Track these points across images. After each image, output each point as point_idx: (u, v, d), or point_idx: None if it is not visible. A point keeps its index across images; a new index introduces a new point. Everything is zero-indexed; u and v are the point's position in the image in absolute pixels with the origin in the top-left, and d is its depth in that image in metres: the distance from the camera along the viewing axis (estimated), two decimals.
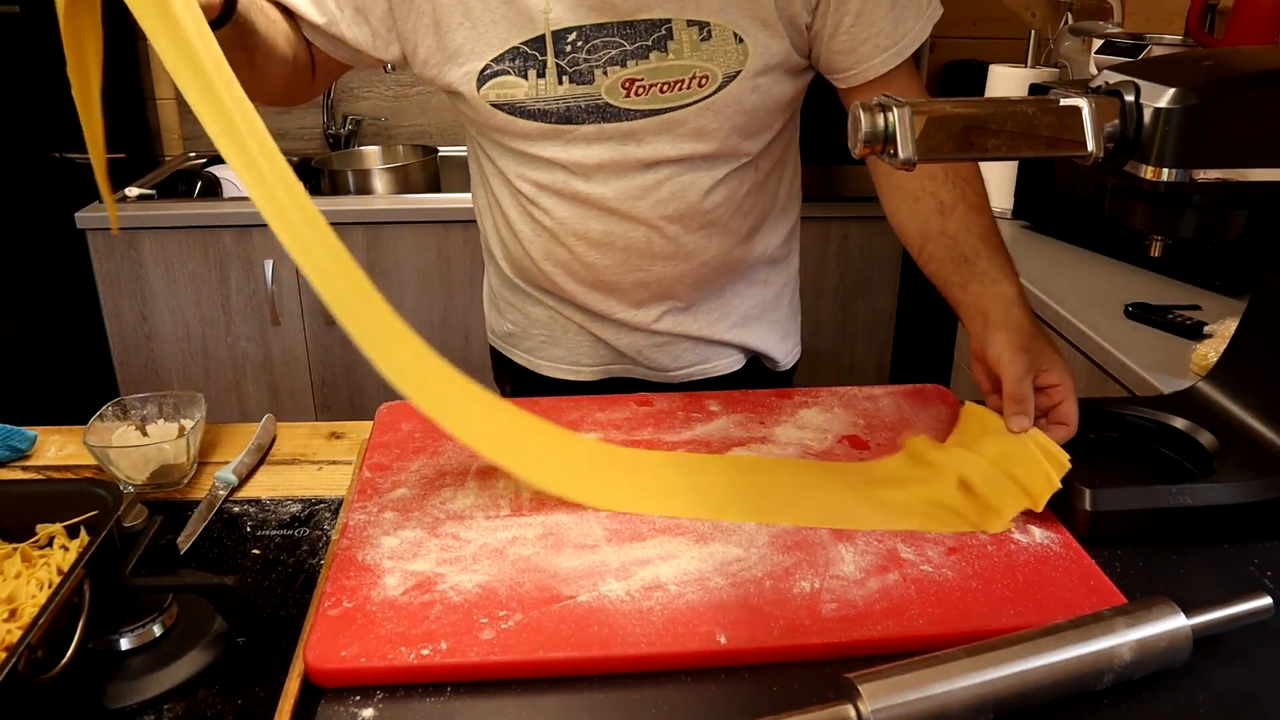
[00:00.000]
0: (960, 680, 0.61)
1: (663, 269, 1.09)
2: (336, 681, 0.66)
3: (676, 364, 1.17)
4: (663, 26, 0.97)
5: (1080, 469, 0.84)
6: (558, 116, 1.01)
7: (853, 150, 0.76)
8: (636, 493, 0.85)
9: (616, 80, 0.98)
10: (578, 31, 0.97)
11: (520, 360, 1.23)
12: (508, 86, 1.00)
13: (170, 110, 2.68)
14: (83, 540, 0.73)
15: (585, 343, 1.17)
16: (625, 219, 1.05)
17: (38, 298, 2.23)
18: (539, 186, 1.06)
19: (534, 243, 1.10)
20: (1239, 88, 0.73)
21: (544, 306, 1.17)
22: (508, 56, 0.99)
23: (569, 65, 0.98)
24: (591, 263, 1.08)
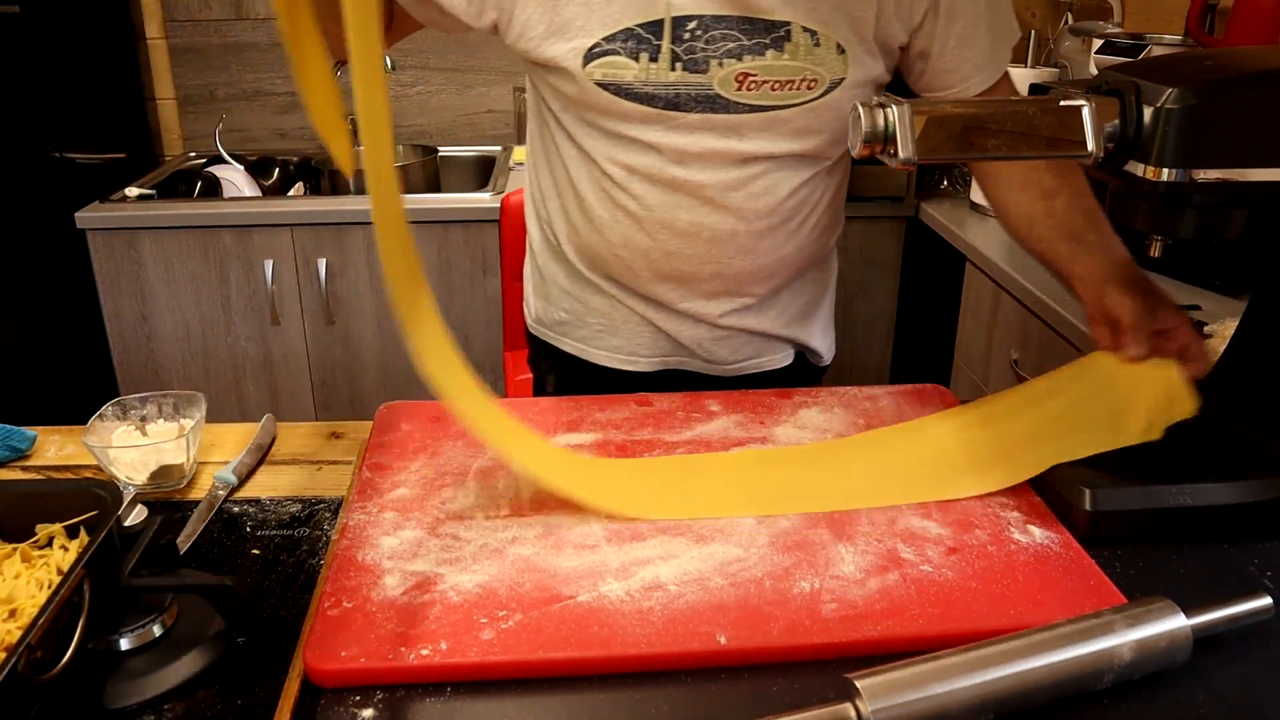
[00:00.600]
0: (960, 680, 0.61)
1: (741, 264, 1.10)
2: (336, 681, 0.66)
3: (734, 357, 1.19)
4: (782, 28, 0.98)
5: (1080, 469, 0.84)
6: (664, 102, 1.01)
7: (853, 149, 0.76)
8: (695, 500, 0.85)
9: (731, 73, 0.99)
10: (698, 20, 0.98)
11: (570, 349, 1.23)
12: (616, 67, 0.99)
13: (170, 110, 2.69)
14: (82, 540, 0.73)
15: (645, 333, 1.17)
16: (716, 209, 1.06)
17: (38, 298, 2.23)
18: (630, 170, 1.06)
19: (613, 229, 1.09)
20: (1239, 88, 0.73)
21: (605, 295, 1.17)
22: (620, 36, 0.98)
23: (685, 53, 0.99)
24: (673, 251, 1.09)
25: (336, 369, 2.35)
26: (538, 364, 1.30)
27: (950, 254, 2.06)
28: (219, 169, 2.45)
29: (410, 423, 0.97)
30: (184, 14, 2.59)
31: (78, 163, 2.30)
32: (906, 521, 0.82)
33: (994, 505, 0.84)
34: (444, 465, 0.91)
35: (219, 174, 2.43)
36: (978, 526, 0.81)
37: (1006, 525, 0.81)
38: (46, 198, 2.20)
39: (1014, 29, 1.08)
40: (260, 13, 2.60)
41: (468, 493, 0.86)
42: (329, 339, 2.32)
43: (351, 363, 2.34)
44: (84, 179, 2.30)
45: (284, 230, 2.21)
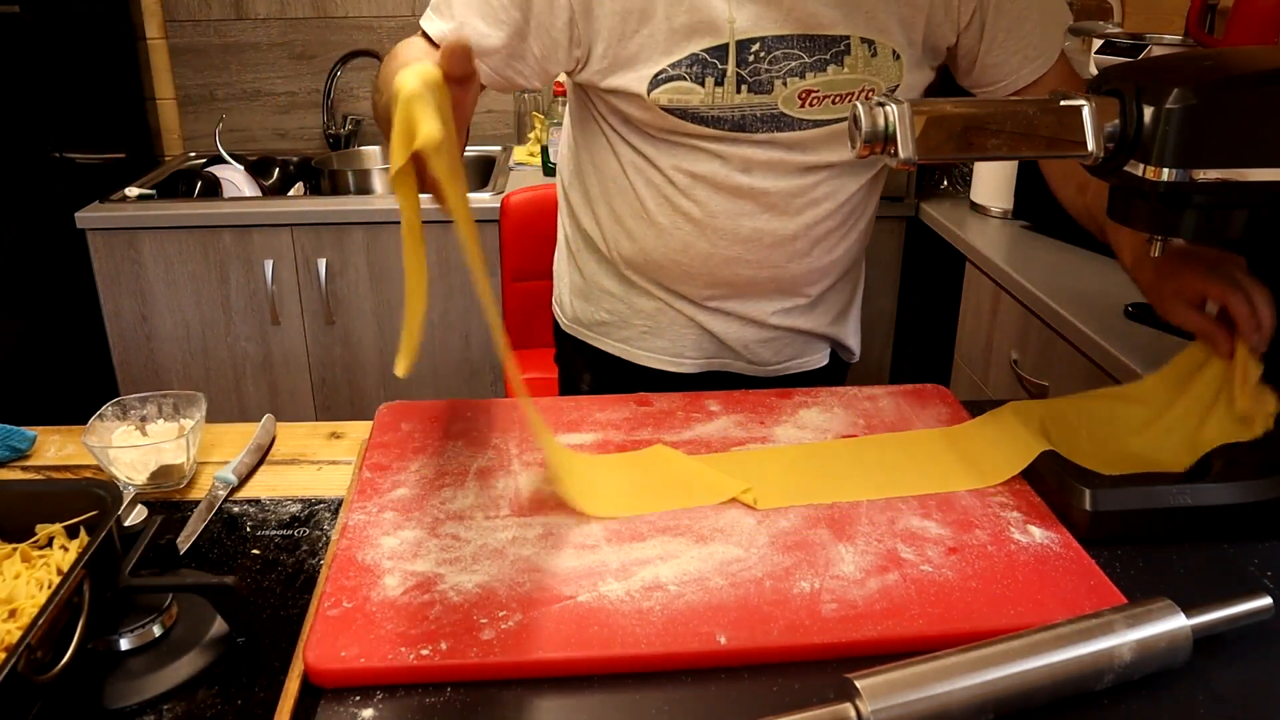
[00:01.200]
0: (960, 680, 0.61)
1: (797, 267, 1.12)
2: (336, 681, 0.66)
3: (777, 358, 1.21)
4: (842, 42, 1.00)
5: (1080, 469, 0.84)
6: (730, 124, 1.03)
7: (853, 149, 0.76)
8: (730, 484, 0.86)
9: (794, 91, 1.01)
10: (760, 42, 0.99)
11: (611, 349, 1.23)
12: (683, 92, 1.01)
13: (170, 110, 2.69)
14: (82, 540, 0.73)
15: (691, 335, 1.18)
16: (778, 215, 1.07)
17: (38, 298, 2.23)
18: (694, 177, 1.07)
19: (674, 235, 1.10)
20: (1239, 88, 0.73)
21: (653, 298, 1.17)
22: (685, 63, 1.00)
23: (749, 75, 1.00)
24: (733, 257, 1.10)
25: (336, 369, 2.35)
26: (570, 363, 1.30)
27: (950, 254, 2.06)
28: (219, 169, 2.45)
29: (410, 423, 0.97)
30: (184, 14, 2.59)
31: (78, 163, 2.30)
32: (906, 521, 0.82)
33: (994, 505, 0.84)
34: (444, 465, 0.91)
35: (219, 174, 2.43)
36: (978, 526, 0.81)
37: (1006, 525, 0.81)
38: (46, 198, 2.19)
39: (1064, 12, 1.08)
40: (260, 13, 2.60)
41: (468, 493, 0.86)
42: (329, 339, 2.32)
43: (351, 363, 2.34)
44: (84, 179, 2.29)
45: (284, 230, 2.21)
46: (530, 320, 2.06)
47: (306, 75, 2.66)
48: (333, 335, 2.32)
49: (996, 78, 1.08)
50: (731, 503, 0.84)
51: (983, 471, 0.88)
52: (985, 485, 0.87)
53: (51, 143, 2.21)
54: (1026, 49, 1.05)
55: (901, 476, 0.88)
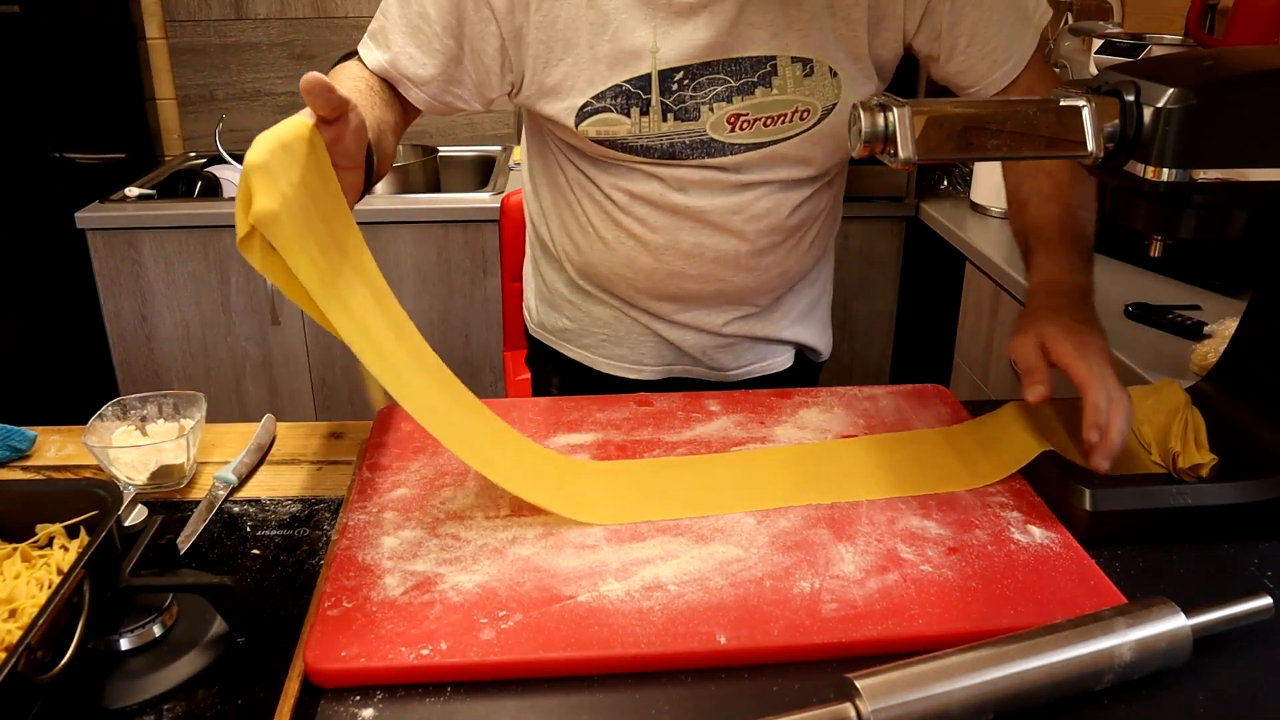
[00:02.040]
0: (960, 680, 0.61)
1: (744, 279, 1.11)
2: (336, 681, 0.66)
3: (737, 363, 1.20)
4: (768, 63, 0.99)
5: (1080, 469, 0.84)
6: (660, 152, 1.02)
7: (853, 150, 0.76)
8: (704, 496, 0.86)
9: (722, 116, 1.00)
10: (685, 70, 0.98)
11: (575, 356, 1.23)
12: (609, 124, 1.01)
13: (170, 110, 2.69)
14: (82, 540, 0.73)
15: (649, 342, 1.18)
16: (719, 231, 1.06)
17: (38, 298, 2.22)
18: (632, 196, 1.06)
19: (618, 250, 1.10)
20: (1239, 88, 0.73)
21: (609, 307, 1.17)
22: (610, 94, 0.99)
23: (674, 103, 0.99)
24: (677, 272, 1.09)
25: (336, 369, 2.35)
26: (541, 366, 1.31)
27: (950, 254, 2.06)
28: (219, 169, 2.45)
29: (410, 423, 0.97)
30: (184, 14, 2.59)
31: (78, 163, 2.30)
32: (906, 521, 0.82)
33: (994, 505, 0.84)
34: (444, 465, 0.91)
35: (219, 174, 2.43)
36: (978, 526, 0.81)
37: (1006, 525, 0.81)
38: (46, 198, 2.19)
39: (1037, 11, 1.04)
40: (260, 13, 2.60)
41: (468, 493, 0.86)
42: (329, 339, 2.32)
43: (351, 363, 2.33)
44: (84, 179, 2.29)
45: None
46: None
47: None
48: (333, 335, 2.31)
49: (966, 83, 1.06)
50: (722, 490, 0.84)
51: (982, 471, 0.88)
52: (985, 484, 0.87)
53: (51, 143, 2.21)
54: (994, 53, 1.02)
55: (902, 476, 0.88)
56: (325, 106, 0.72)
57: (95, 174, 2.35)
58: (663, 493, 0.86)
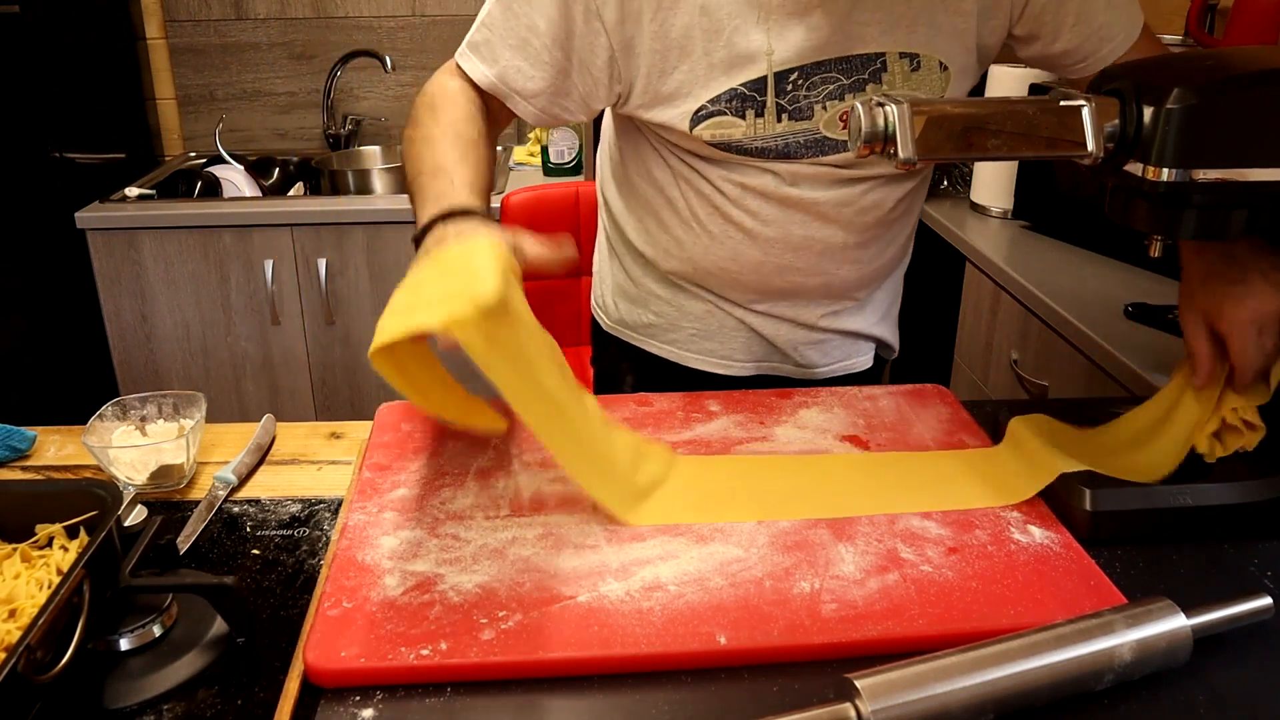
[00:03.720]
0: (960, 680, 0.61)
1: (847, 272, 1.12)
2: (336, 681, 0.66)
3: (825, 360, 1.20)
4: (878, 60, 0.99)
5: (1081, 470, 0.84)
6: (774, 153, 1.02)
7: (852, 149, 0.76)
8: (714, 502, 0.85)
9: (835, 114, 1.01)
10: (799, 71, 0.98)
11: (658, 351, 1.22)
12: (724, 126, 1.01)
13: (170, 110, 2.69)
14: (82, 540, 0.73)
15: (740, 337, 1.18)
16: (829, 223, 1.07)
17: (38, 298, 2.22)
18: (745, 189, 1.06)
19: (725, 244, 1.10)
20: (1239, 88, 0.73)
21: (703, 301, 1.17)
22: (725, 97, 0.99)
23: (789, 103, 1.00)
24: (785, 265, 1.10)
25: (336, 369, 2.35)
26: (614, 364, 1.29)
27: (950, 254, 2.06)
28: (219, 169, 2.45)
29: (410, 423, 0.97)
30: (184, 14, 2.59)
31: (78, 163, 2.30)
32: (906, 521, 0.82)
33: (994, 505, 0.84)
34: (444, 465, 0.91)
35: (219, 174, 2.43)
36: (978, 526, 0.81)
37: (1006, 525, 0.81)
38: (46, 198, 2.19)
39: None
40: (260, 13, 2.60)
41: (468, 493, 0.86)
42: (329, 339, 2.32)
43: (351, 363, 2.34)
44: (84, 179, 2.29)
45: (284, 230, 2.21)
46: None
47: (306, 75, 2.66)
48: (333, 335, 2.32)
49: (1070, 61, 1.05)
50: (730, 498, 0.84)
51: (1000, 492, 0.86)
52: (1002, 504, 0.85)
53: (51, 143, 2.21)
54: (1101, 29, 1.02)
55: (917, 496, 0.86)
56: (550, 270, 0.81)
57: (95, 174, 2.35)
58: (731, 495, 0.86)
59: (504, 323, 0.72)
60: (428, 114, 1.01)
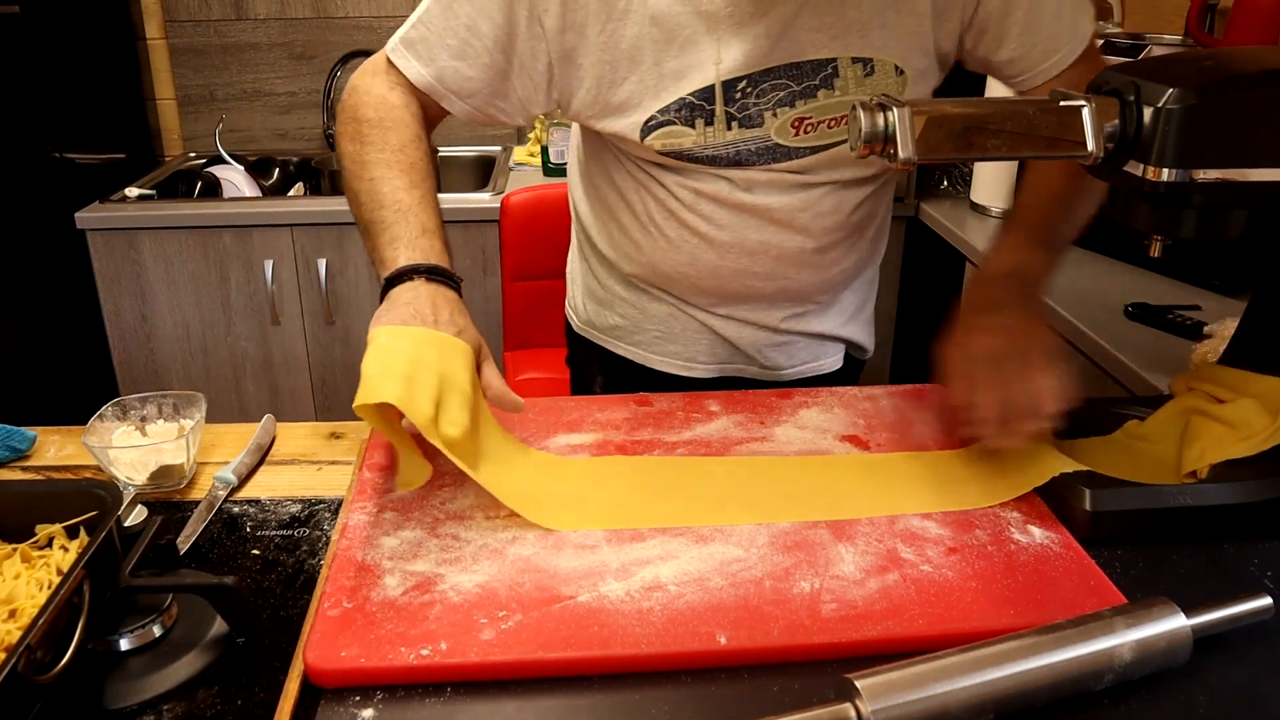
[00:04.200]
0: (960, 680, 0.61)
1: (807, 277, 1.11)
2: (336, 682, 0.66)
3: (790, 362, 1.20)
4: (829, 65, 0.99)
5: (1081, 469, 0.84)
6: (727, 161, 1.02)
7: (853, 150, 0.76)
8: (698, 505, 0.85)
9: (785, 121, 1.00)
10: (747, 79, 0.98)
11: (625, 353, 1.23)
12: (674, 135, 1.01)
13: (170, 110, 2.69)
14: (82, 540, 0.73)
15: (704, 340, 1.18)
16: (785, 228, 1.07)
17: (38, 298, 2.22)
18: (699, 194, 1.06)
19: (681, 248, 1.10)
20: (1239, 88, 0.73)
21: (665, 303, 1.17)
22: (674, 107, 0.99)
23: (738, 111, 0.99)
24: (742, 269, 1.09)
25: (336, 369, 2.35)
26: (584, 365, 1.30)
27: (950, 254, 2.06)
28: (219, 169, 2.45)
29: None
30: (184, 14, 2.59)
31: (78, 163, 2.30)
32: (906, 521, 0.82)
33: (994, 505, 0.84)
34: (444, 465, 0.91)
35: (219, 174, 2.43)
36: (978, 526, 0.81)
37: (1006, 525, 0.81)
38: (46, 198, 2.19)
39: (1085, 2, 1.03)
40: (260, 13, 2.60)
41: (467, 493, 0.86)
42: (329, 339, 2.32)
43: (351, 363, 2.34)
44: (84, 179, 2.29)
45: (284, 230, 2.21)
46: (530, 320, 2.06)
47: (306, 75, 2.66)
48: (333, 335, 2.32)
49: (1015, 72, 1.05)
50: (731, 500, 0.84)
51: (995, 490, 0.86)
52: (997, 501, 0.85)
53: (51, 143, 2.21)
54: (1045, 42, 1.02)
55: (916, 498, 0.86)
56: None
57: (95, 174, 2.35)
58: (665, 497, 0.86)
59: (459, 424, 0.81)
60: (375, 132, 1.00)
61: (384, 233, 0.93)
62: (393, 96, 1.02)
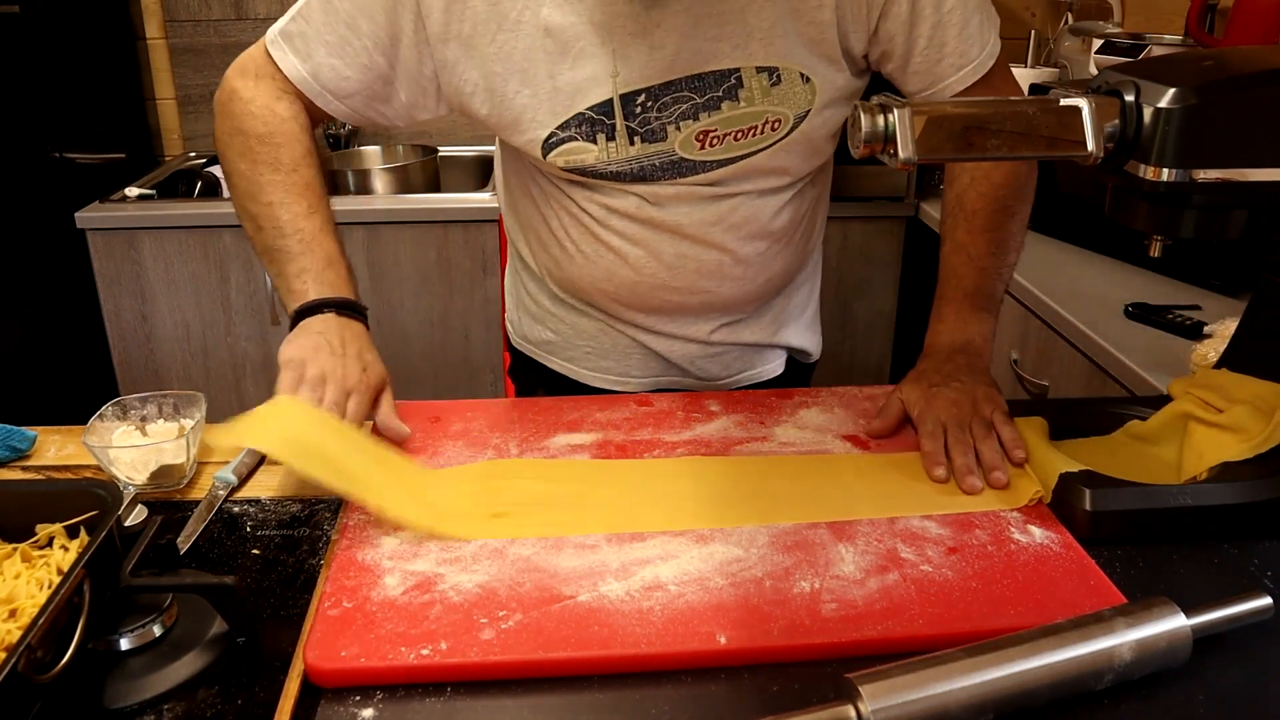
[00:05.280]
0: (960, 680, 0.61)
1: (730, 289, 1.09)
2: (336, 681, 0.66)
3: (725, 372, 1.17)
4: (732, 76, 0.96)
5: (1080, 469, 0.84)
6: (631, 176, 1.00)
7: (853, 150, 0.76)
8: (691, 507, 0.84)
9: (690, 134, 0.98)
10: (646, 92, 0.96)
11: (560, 369, 1.20)
12: (576, 152, 0.98)
13: (170, 110, 2.69)
14: (83, 540, 0.73)
15: (635, 355, 1.15)
16: (698, 243, 1.04)
17: (38, 298, 2.23)
18: (609, 210, 1.04)
19: (597, 264, 1.07)
20: (1239, 88, 0.73)
21: (592, 319, 1.15)
22: (573, 123, 0.97)
23: (639, 126, 0.97)
24: (660, 284, 1.07)
25: None
26: (525, 378, 1.28)
27: None
28: (219, 169, 2.45)
29: (410, 422, 0.97)
30: (184, 14, 2.59)
31: (78, 163, 2.30)
32: (906, 521, 0.82)
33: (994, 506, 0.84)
34: (444, 465, 0.91)
35: (219, 174, 2.42)
36: (978, 526, 0.81)
37: (1006, 525, 0.81)
38: (46, 198, 2.19)
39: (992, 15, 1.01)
40: (260, 13, 2.60)
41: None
42: None
43: None
44: (84, 179, 2.29)
45: None
46: None
47: None
48: None
49: (921, 85, 1.01)
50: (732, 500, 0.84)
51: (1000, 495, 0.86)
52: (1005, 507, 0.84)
53: (51, 143, 2.21)
54: (952, 56, 0.99)
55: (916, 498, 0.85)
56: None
57: (95, 174, 2.35)
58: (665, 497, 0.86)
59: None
60: (265, 149, 0.99)
61: (290, 263, 0.94)
62: (279, 107, 1.00)
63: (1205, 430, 0.88)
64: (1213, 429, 0.88)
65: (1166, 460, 0.90)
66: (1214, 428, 0.88)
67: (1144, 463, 0.90)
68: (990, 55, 1.01)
